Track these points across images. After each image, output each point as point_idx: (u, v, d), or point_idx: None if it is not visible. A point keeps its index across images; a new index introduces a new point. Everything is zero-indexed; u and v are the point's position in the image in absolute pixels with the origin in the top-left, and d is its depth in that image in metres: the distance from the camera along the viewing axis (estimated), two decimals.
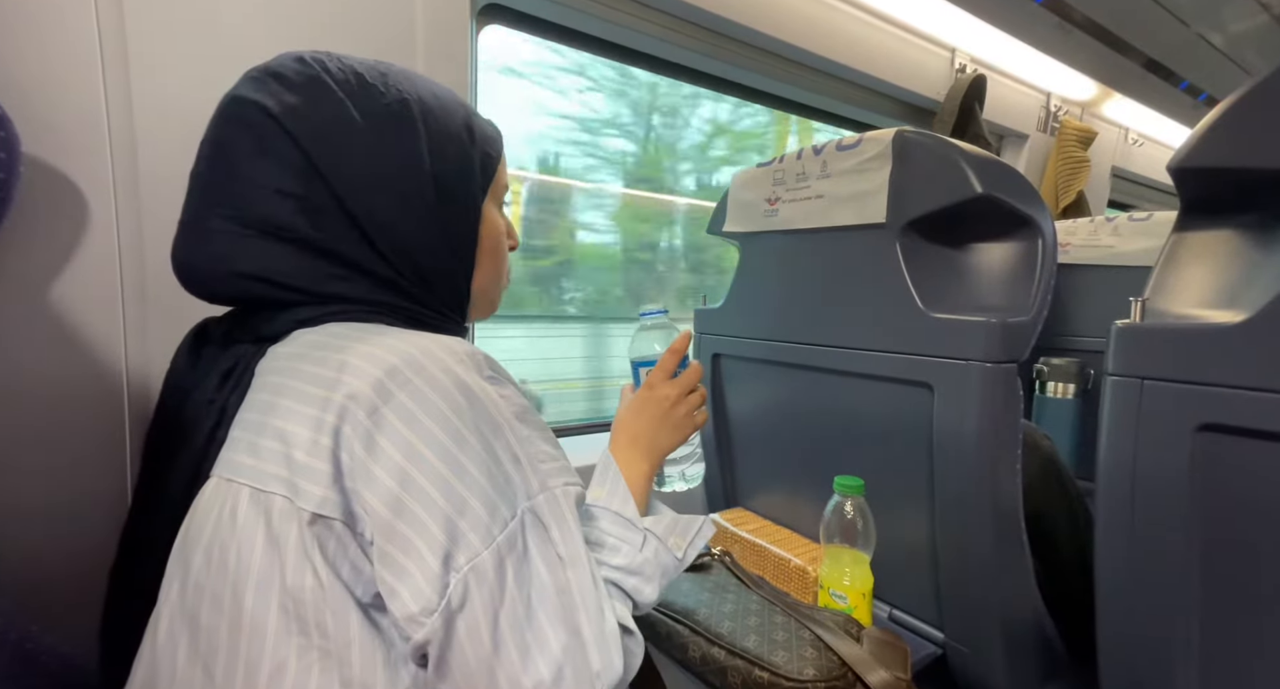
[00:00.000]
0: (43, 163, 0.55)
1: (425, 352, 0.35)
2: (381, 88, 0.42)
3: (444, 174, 0.43)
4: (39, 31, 0.54)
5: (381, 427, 0.32)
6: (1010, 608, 0.66)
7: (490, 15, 0.93)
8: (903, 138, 0.69)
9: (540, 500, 0.36)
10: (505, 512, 0.34)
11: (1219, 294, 0.56)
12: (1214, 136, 0.53)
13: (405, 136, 0.42)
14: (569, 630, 0.34)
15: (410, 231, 0.42)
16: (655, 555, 0.46)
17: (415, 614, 0.31)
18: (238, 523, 0.32)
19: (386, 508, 0.32)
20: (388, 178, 0.41)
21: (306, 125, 0.39)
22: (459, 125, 0.45)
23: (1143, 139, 1.99)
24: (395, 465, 0.32)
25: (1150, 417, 0.53)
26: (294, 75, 0.40)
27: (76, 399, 0.57)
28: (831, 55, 1.18)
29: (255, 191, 0.38)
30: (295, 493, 0.32)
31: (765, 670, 0.56)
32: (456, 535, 0.32)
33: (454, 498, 0.32)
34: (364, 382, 0.33)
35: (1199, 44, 1.42)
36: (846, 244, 0.76)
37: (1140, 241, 1.18)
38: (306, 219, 0.39)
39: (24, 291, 0.55)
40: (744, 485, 1.02)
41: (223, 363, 0.39)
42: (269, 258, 0.39)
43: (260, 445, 0.33)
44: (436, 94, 0.45)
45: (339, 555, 0.32)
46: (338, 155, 0.39)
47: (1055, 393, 1.22)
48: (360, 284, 0.41)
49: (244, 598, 0.31)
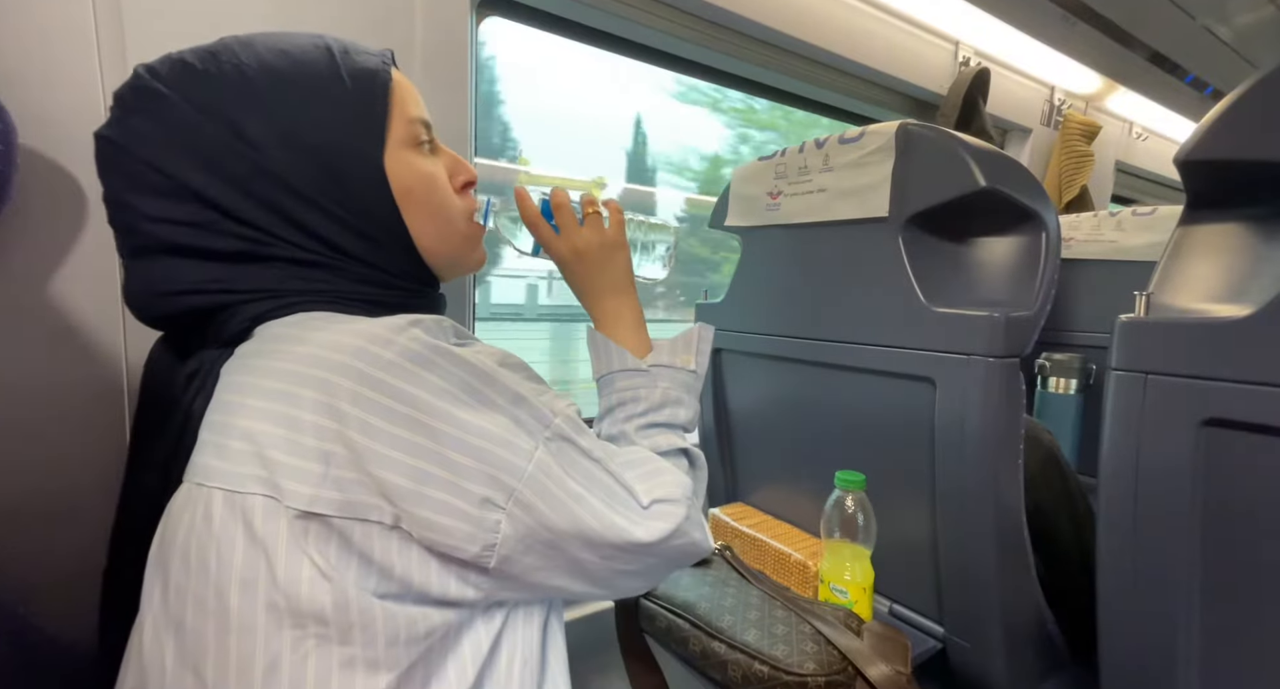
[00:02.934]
0: (40, 155, 0.54)
1: (389, 326, 0.34)
2: (213, 70, 0.38)
3: (313, 137, 0.39)
4: (36, 22, 0.54)
5: (371, 409, 0.32)
6: (1011, 603, 0.66)
7: (490, 8, 0.93)
8: (906, 131, 0.69)
9: (558, 422, 0.38)
10: (526, 443, 0.36)
11: (1224, 288, 0.55)
12: (1221, 129, 0.52)
13: (254, 111, 0.38)
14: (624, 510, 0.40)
15: (313, 214, 0.40)
16: (672, 380, 0.52)
17: (478, 554, 0.33)
18: (213, 526, 0.31)
19: (409, 480, 0.32)
20: (251, 165, 0.38)
21: (152, 146, 0.37)
22: (318, 74, 0.40)
23: (1147, 133, 1.97)
24: (401, 440, 0.32)
25: (1154, 412, 0.53)
26: (128, 93, 0.38)
27: (77, 394, 0.57)
28: (833, 48, 1.17)
29: (142, 223, 0.38)
30: (279, 492, 0.31)
31: (765, 664, 0.56)
32: (488, 480, 0.33)
33: (471, 450, 0.33)
34: (333, 370, 0.32)
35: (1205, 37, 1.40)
36: (849, 238, 0.76)
37: (1144, 236, 1.18)
38: (196, 233, 0.38)
39: (22, 285, 0.55)
40: (745, 480, 1.02)
41: (189, 365, 0.38)
42: (187, 272, 0.38)
43: (227, 447, 0.32)
44: (285, 49, 0.40)
45: (343, 552, 0.31)
46: (193, 165, 0.37)
47: (1057, 388, 1.22)
48: (288, 273, 0.39)
49: (228, 598, 0.31)
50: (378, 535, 0.32)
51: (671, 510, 0.42)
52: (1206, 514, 0.51)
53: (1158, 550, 0.54)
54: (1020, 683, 0.68)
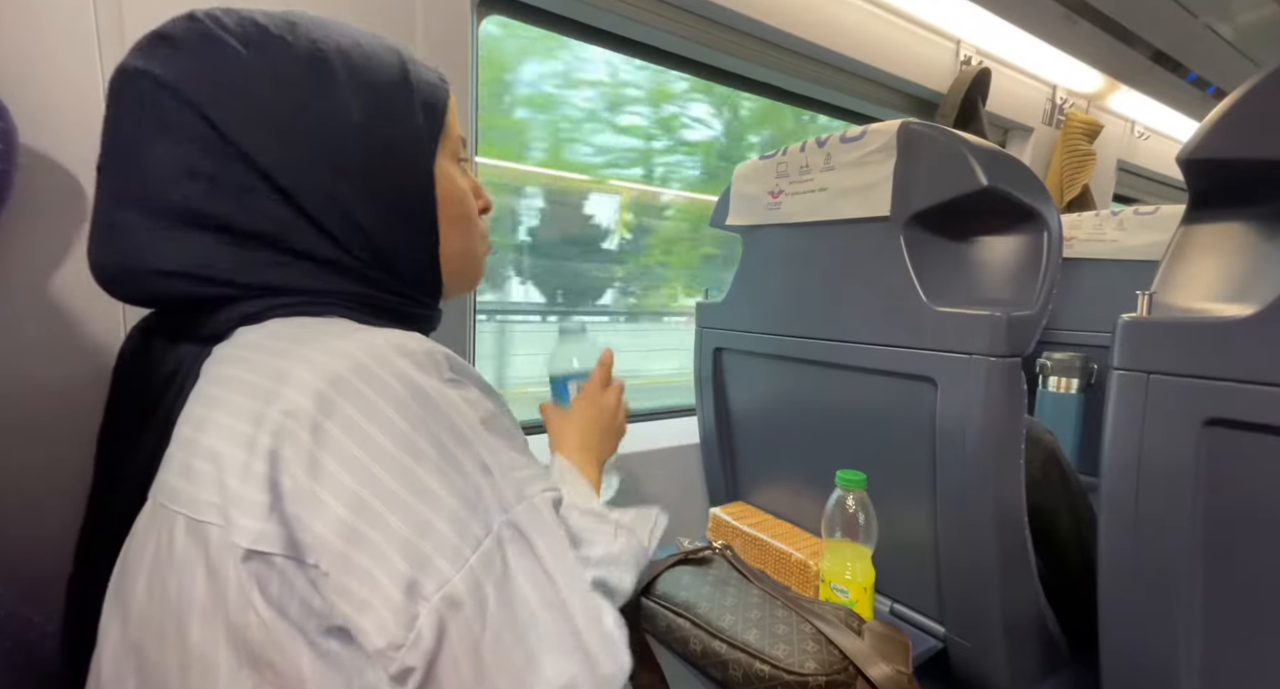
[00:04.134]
0: (41, 153, 0.54)
1: (375, 354, 0.31)
2: (290, 38, 0.36)
3: (380, 132, 0.38)
4: (36, 21, 0.54)
5: (326, 445, 0.28)
6: (1012, 603, 0.66)
7: (491, 6, 0.93)
8: (907, 130, 0.69)
9: (519, 511, 0.33)
10: (478, 529, 0.30)
11: (1227, 287, 0.55)
12: (1224, 128, 0.52)
13: (326, 92, 0.36)
14: (569, 648, 0.31)
15: (353, 203, 0.37)
16: (628, 544, 0.45)
17: (383, 650, 0.28)
18: (175, 554, 0.29)
19: (339, 537, 0.28)
20: (314, 142, 0.36)
21: (205, 91, 0.34)
22: (392, 74, 0.40)
23: (1149, 132, 1.97)
24: (344, 489, 0.28)
25: (1156, 411, 0.53)
26: (183, 34, 0.35)
27: (77, 392, 0.57)
28: (834, 47, 1.17)
29: (161, 177, 0.33)
30: (229, 524, 0.28)
31: (766, 663, 0.56)
32: (421, 561, 0.28)
33: (415, 520, 0.29)
34: (304, 395, 0.29)
35: (1207, 35, 1.40)
36: (850, 237, 0.76)
37: (1145, 236, 1.17)
38: (227, 201, 0.34)
39: (23, 283, 0.55)
40: (745, 479, 1.02)
41: (167, 364, 0.35)
42: (191, 251, 0.34)
43: (193, 467, 0.30)
44: (359, 42, 0.40)
45: (284, 593, 0.28)
46: (249, 122, 0.34)
47: (1058, 388, 1.22)
48: (301, 270, 0.36)
49: (189, 633, 0.28)
50: (318, 579, 0.29)
51: None
52: (1208, 514, 0.51)
53: (1159, 550, 0.54)
54: (1021, 682, 0.68)
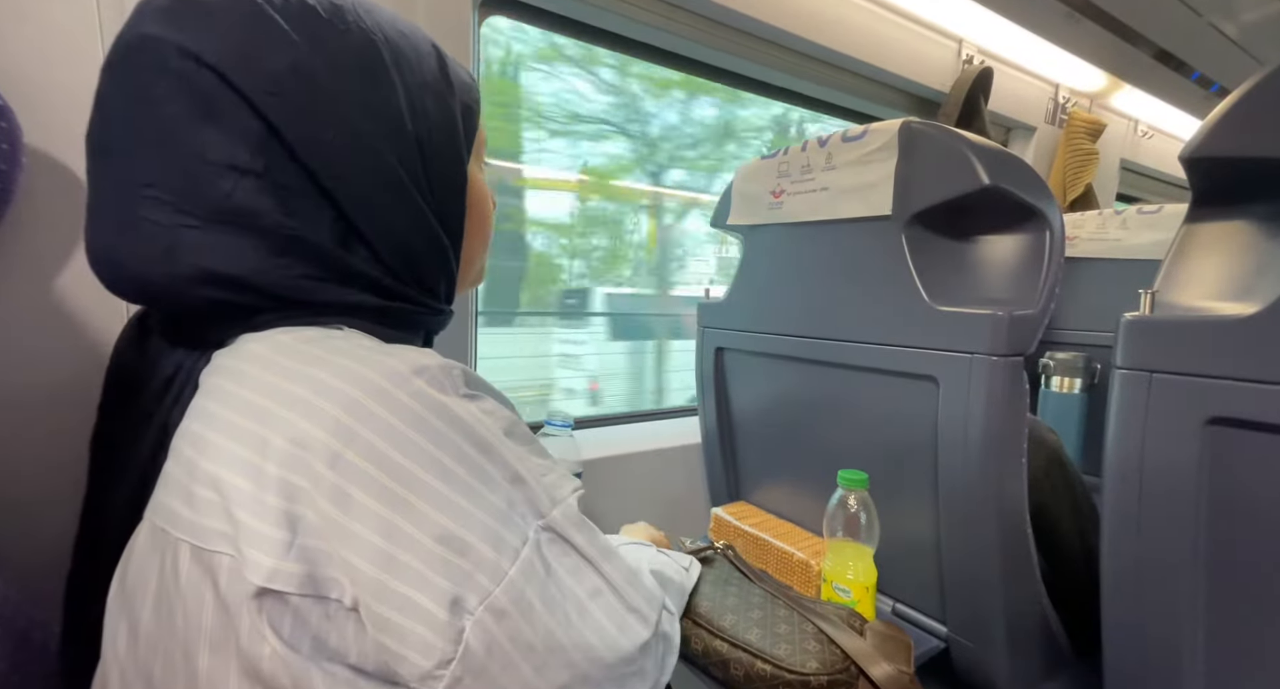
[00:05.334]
0: (44, 154, 0.55)
1: (391, 375, 0.29)
2: (340, 24, 0.34)
3: (428, 136, 0.37)
4: (40, 23, 0.54)
5: (350, 476, 0.27)
6: (1014, 602, 0.66)
7: (492, 6, 0.93)
8: (909, 129, 0.69)
9: (556, 515, 0.33)
10: (514, 540, 0.30)
11: (1230, 286, 0.55)
12: (1227, 126, 0.52)
13: (380, 89, 0.34)
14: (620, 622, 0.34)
15: (396, 211, 0.36)
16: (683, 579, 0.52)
17: (430, 670, 0.27)
18: (181, 582, 0.28)
19: (374, 566, 0.27)
20: (367, 144, 0.34)
21: (258, 79, 0.31)
22: (434, 71, 0.38)
23: (1152, 131, 1.96)
24: (375, 517, 0.27)
25: (1159, 410, 0.53)
26: (225, 7, 0.31)
27: (81, 392, 0.57)
28: (835, 46, 1.17)
29: (202, 168, 0.30)
30: (241, 559, 0.27)
31: (768, 663, 0.56)
32: (462, 579, 0.28)
33: (451, 541, 0.28)
34: (317, 423, 0.27)
35: (1210, 34, 1.40)
36: (851, 236, 0.76)
37: (1148, 235, 1.17)
38: (274, 201, 0.31)
39: (27, 284, 0.55)
40: (747, 479, 1.01)
41: (164, 367, 0.34)
42: (223, 256, 0.31)
43: (195, 494, 0.28)
44: (403, 31, 0.37)
45: (297, 631, 0.27)
46: (303, 116, 0.32)
47: (1060, 387, 1.22)
48: (331, 280, 0.34)
49: (197, 660, 0.28)
50: (335, 616, 0.28)
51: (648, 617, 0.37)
52: (1211, 513, 0.51)
53: (1162, 550, 0.54)
54: (1023, 682, 0.68)
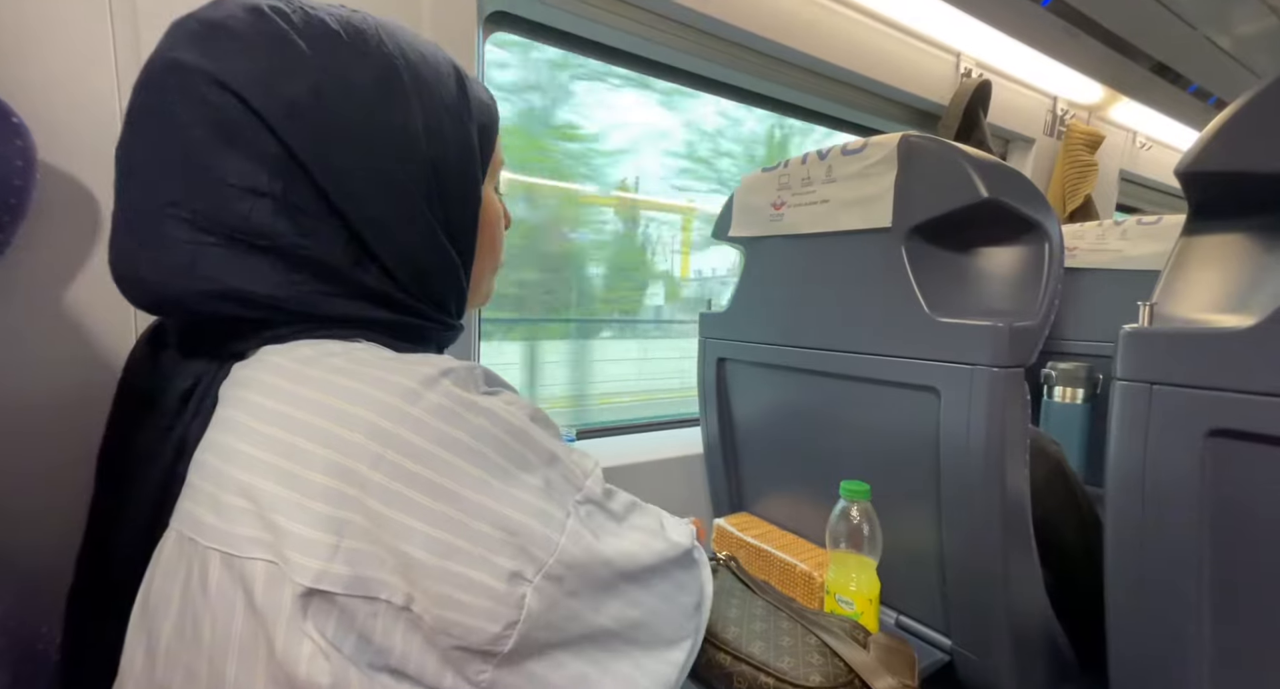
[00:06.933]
0: (58, 169, 0.56)
1: (419, 378, 0.30)
2: (361, 47, 0.35)
3: (443, 158, 0.38)
4: (55, 43, 0.55)
5: (396, 474, 0.28)
6: (1018, 614, 0.66)
7: (497, 22, 0.94)
8: (908, 142, 0.69)
9: (589, 484, 0.36)
10: (558, 512, 0.32)
11: (1228, 298, 0.55)
12: (1221, 140, 0.53)
13: (397, 112, 0.35)
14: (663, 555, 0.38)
15: (408, 231, 0.37)
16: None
17: (498, 634, 0.29)
18: (209, 591, 0.28)
19: (434, 555, 0.28)
20: (381, 166, 0.35)
21: (278, 101, 0.32)
22: (453, 93, 0.39)
23: (1151, 142, 1.98)
24: (426, 510, 0.28)
25: (1160, 422, 0.53)
26: (247, 30, 0.32)
27: (91, 401, 0.58)
28: (837, 60, 1.18)
29: (223, 190, 0.32)
30: (285, 562, 0.27)
31: (771, 676, 0.55)
32: (518, 553, 0.30)
33: (501, 521, 0.30)
34: (353, 428, 0.28)
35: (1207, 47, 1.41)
36: (852, 248, 0.76)
37: (1148, 245, 1.18)
38: (289, 222, 0.33)
39: (40, 295, 0.56)
40: (749, 490, 1.01)
41: (181, 379, 0.34)
42: (241, 273, 0.32)
43: (223, 502, 0.29)
44: (423, 52, 0.38)
45: (341, 630, 0.28)
46: (318, 140, 0.33)
47: (1063, 398, 1.22)
48: (344, 297, 0.35)
49: (225, 669, 0.28)
50: (383, 615, 0.28)
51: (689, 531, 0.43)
52: (1214, 525, 0.51)
53: (1166, 561, 0.53)
54: None
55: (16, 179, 0.49)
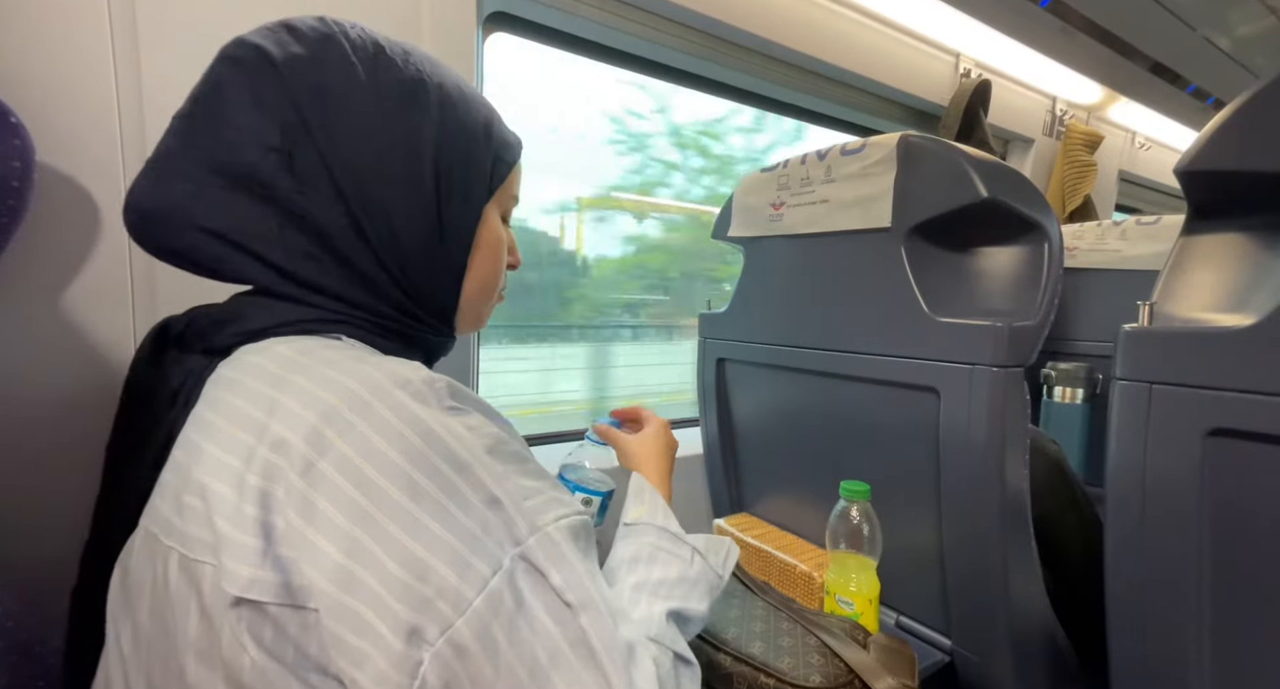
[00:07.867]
0: (56, 170, 0.55)
1: (372, 387, 0.29)
2: (400, 63, 0.40)
3: (448, 165, 0.41)
4: (54, 40, 0.55)
5: (319, 486, 0.27)
6: (1018, 615, 0.66)
7: (496, 23, 0.94)
8: (907, 142, 0.69)
9: (531, 544, 0.30)
10: (483, 567, 0.28)
11: (1227, 298, 0.55)
12: (1220, 140, 0.53)
13: (414, 117, 0.39)
14: (596, 658, 0.29)
15: (404, 224, 0.39)
16: (703, 571, 0.46)
17: None
18: (170, 590, 0.29)
19: (333, 583, 0.26)
20: (385, 155, 0.38)
21: (307, 81, 0.36)
22: (476, 122, 0.43)
23: (1150, 143, 1.98)
24: (339, 532, 0.27)
25: (1159, 421, 0.53)
26: (308, 30, 0.38)
27: (89, 403, 0.58)
28: (836, 61, 1.18)
29: (239, 139, 0.35)
30: (220, 568, 0.27)
31: (771, 677, 0.55)
32: (421, 606, 0.26)
33: (413, 563, 0.27)
34: (296, 431, 0.28)
35: (1205, 47, 1.41)
36: (851, 248, 0.76)
37: (1147, 245, 1.18)
38: (288, 176, 0.36)
39: (38, 297, 0.56)
40: (749, 490, 1.01)
41: (175, 376, 0.36)
42: (237, 213, 0.35)
43: (184, 502, 0.29)
44: (461, 87, 0.43)
45: (278, 641, 0.27)
46: (334, 118, 0.36)
47: (1063, 397, 1.22)
48: (332, 272, 0.37)
49: (186, 668, 0.28)
50: (314, 625, 0.27)
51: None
52: (1214, 524, 0.51)
53: (1165, 561, 0.53)
54: None
55: (15, 180, 0.49)
